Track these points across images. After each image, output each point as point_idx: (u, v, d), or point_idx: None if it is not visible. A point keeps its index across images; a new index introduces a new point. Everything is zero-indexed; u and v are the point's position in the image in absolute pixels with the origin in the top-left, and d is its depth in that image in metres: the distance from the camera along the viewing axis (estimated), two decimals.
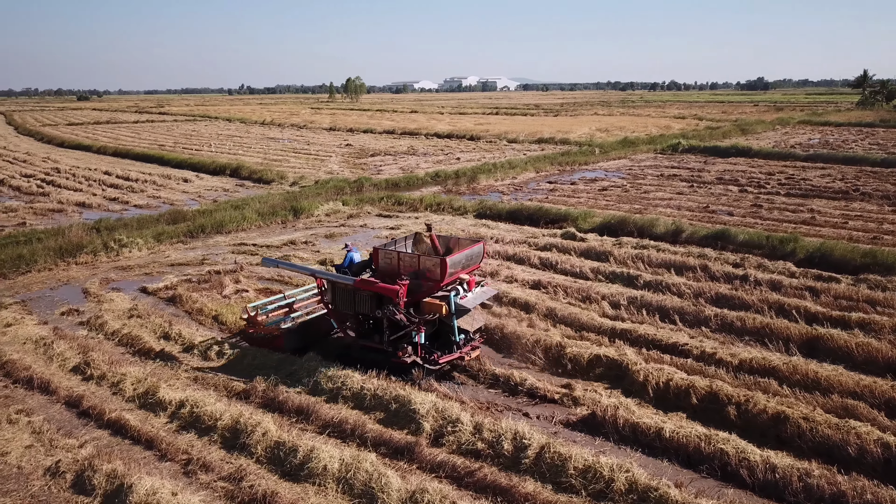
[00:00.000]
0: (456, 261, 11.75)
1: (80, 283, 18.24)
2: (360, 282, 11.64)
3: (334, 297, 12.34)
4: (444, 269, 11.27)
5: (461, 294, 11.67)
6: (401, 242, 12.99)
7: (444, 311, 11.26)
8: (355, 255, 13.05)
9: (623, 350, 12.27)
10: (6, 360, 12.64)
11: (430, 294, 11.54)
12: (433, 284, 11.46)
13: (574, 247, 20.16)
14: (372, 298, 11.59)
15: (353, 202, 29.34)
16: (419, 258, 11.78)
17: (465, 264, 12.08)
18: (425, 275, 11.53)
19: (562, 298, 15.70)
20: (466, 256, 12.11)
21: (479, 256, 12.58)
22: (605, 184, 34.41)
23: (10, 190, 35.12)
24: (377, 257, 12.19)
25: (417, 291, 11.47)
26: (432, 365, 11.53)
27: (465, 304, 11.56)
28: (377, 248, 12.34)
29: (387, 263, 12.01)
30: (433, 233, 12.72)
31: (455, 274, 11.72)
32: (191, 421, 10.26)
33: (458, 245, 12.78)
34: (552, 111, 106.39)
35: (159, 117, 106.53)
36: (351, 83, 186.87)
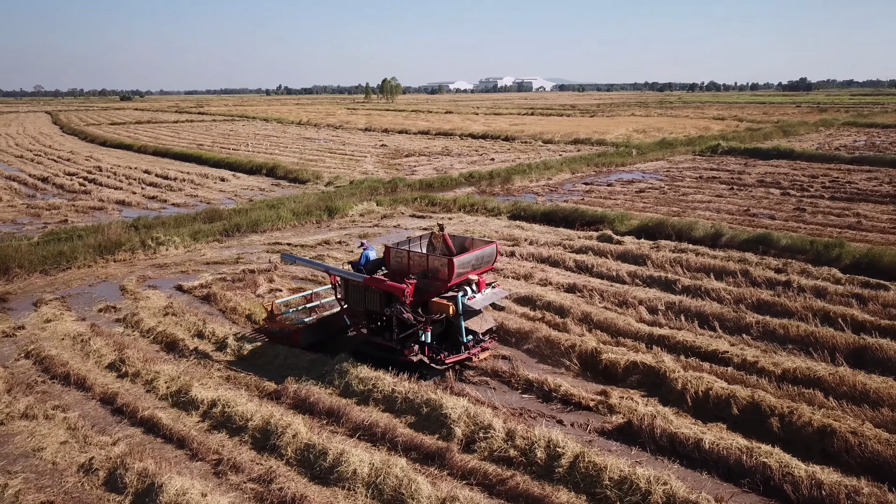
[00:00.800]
0: (465, 261, 11.71)
1: (117, 280, 18.49)
2: (369, 279, 11.79)
3: (347, 293, 12.48)
4: (452, 269, 11.25)
5: (469, 295, 11.60)
6: (415, 242, 12.98)
7: (451, 311, 11.25)
8: (371, 254, 13.12)
9: (661, 357, 11.94)
10: (45, 355, 12.82)
11: (439, 294, 11.53)
12: (441, 284, 11.44)
13: (610, 249, 19.80)
14: (381, 296, 11.69)
15: (387, 202, 29.32)
16: (428, 258, 11.77)
17: (475, 265, 12.00)
18: (434, 274, 11.52)
19: (597, 303, 15.39)
20: (476, 257, 12.03)
21: (492, 257, 12.47)
22: (642, 185, 33.85)
23: (54, 188, 35.93)
24: (388, 256, 12.25)
25: (426, 291, 11.49)
26: (439, 364, 11.50)
27: (473, 304, 11.49)
28: (388, 247, 12.39)
29: (398, 262, 12.05)
30: (446, 232, 12.69)
31: (464, 274, 11.66)
32: (222, 420, 10.25)
33: (472, 245, 12.64)
34: (588, 112, 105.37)
35: (198, 117, 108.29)
36: (387, 84, 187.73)
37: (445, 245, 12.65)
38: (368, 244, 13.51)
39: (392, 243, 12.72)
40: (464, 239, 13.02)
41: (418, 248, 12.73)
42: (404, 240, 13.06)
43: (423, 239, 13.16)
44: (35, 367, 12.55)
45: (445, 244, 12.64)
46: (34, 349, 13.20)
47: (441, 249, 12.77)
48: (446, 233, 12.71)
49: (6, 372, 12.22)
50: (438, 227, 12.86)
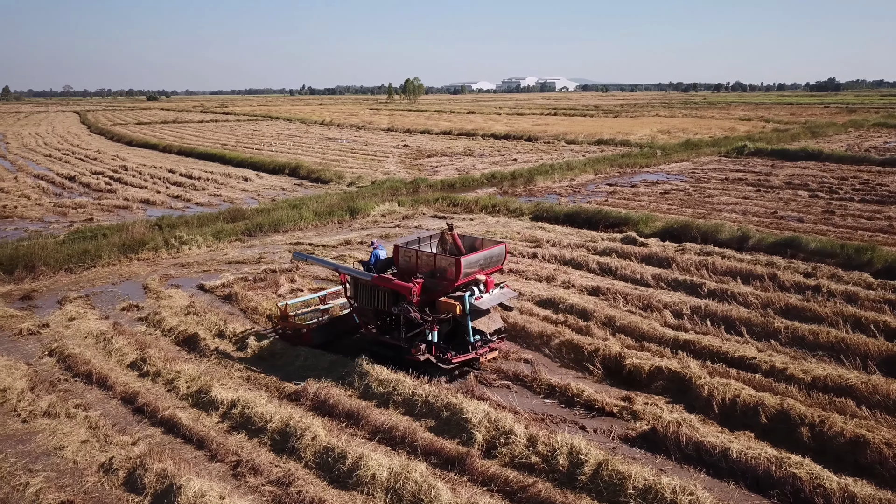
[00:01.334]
0: (472, 261, 11.67)
1: (140, 278, 18.61)
2: (377, 278, 11.89)
3: (356, 292, 12.55)
4: (459, 268, 11.22)
5: (477, 295, 11.53)
6: (425, 242, 12.94)
7: (458, 311, 11.23)
8: (380, 253, 13.13)
9: (686, 362, 11.69)
10: (68, 353, 12.90)
11: (446, 293, 11.52)
12: (448, 284, 11.43)
13: (635, 252, 19.52)
14: (389, 295, 11.76)
15: (409, 203, 29.25)
16: (435, 257, 11.78)
17: (483, 265, 11.94)
18: (442, 274, 11.52)
19: (621, 306, 15.15)
20: (485, 257, 11.97)
21: (500, 258, 12.38)
22: (666, 187, 33.43)
23: (81, 186, 36.38)
24: (397, 255, 12.26)
25: (433, 290, 11.52)
26: (445, 364, 11.48)
27: (480, 304, 11.44)
28: (397, 246, 12.35)
29: (406, 261, 12.07)
30: (455, 232, 12.62)
31: (472, 274, 11.62)
32: (241, 421, 10.21)
33: (482, 246, 12.57)
34: (612, 112, 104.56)
35: (223, 117, 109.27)
36: (409, 84, 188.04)
37: (454, 244, 12.62)
38: (378, 243, 13.54)
39: (401, 242, 12.69)
40: (474, 239, 12.98)
41: (428, 248, 12.71)
42: (414, 239, 13.03)
43: (433, 239, 13.15)
44: (58, 366, 12.64)
45: (455, 244, 12.61)
46: (57, 347, 13.29)
47: (450, 249, 12.72)
48: (455, 232, 12.67)
49: (30, 370, 12.32)
50: (448, 227, 12.83)
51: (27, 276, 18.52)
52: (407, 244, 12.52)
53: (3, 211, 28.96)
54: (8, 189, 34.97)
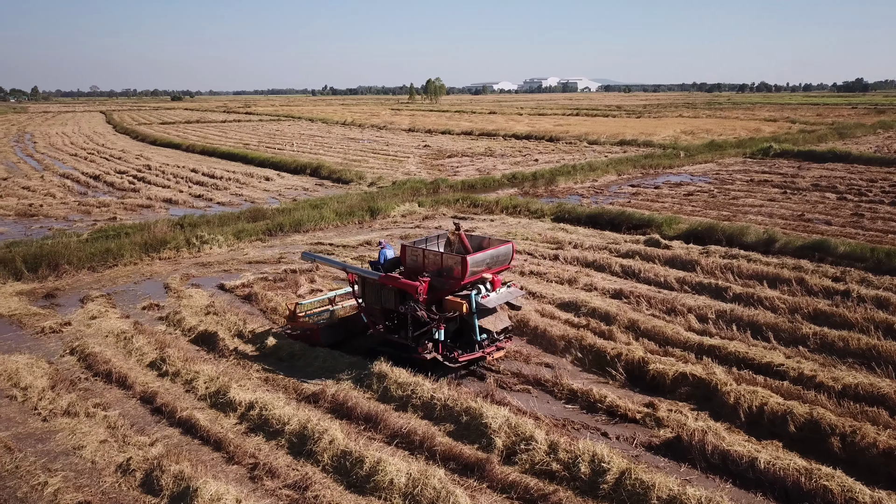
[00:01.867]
0: (478, 259, 11.67)
1: (162, 277, 18.68)
2: (384, 277, 12.00)
3: (364, 291, 12.63)
4: (465, 267, 11.23)
5: (483, 293, 11.52)
6: (433, 241, 12.96)
7: (464, 310, 11.25)
8: (388, 252, 13.14)
9: (711, 368, 11.41)
10: (88, 352, 12.94)
11: (452, 292, 11.53)
12: (455, 282, 11.44)
13: (658, 254, 19.21)
14: (395, 294, 11.84)
15: (429, 203, 29.14)
16: (442, 256, 11.75)
17: (489, 264, 11.94)
18: (449, 273, 11.51)
19: (645, 310, 14.89)
20: (491, 256, 11.97)
21: (507, 257, 12.38)
22: (690, 188, 32.98)
23: (105, 185, 36.76)
24: (404, 254, 12.28)
25: (440, 289, 11.55)
26: (452, 363, 11.49)
27: (486, 303, 11.43)
28: (404, 246, 12.38)
29: (413, 260, 12.08)
30: (462, 231, 12.63)
31: (478, 273, 11.63)
32: (259, 423, 10.14)
33: (489, 245, 12.54)
34: (635, 113, 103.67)
35: (245, 117, 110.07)
36: (431, 84, 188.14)
37: (461, 243, 12.61)
38: (386, 243, 13.56)
39: (409, 241, 12.67)
40: (482, 238, 12.96)
41: (435, 247, 12.68)
42: (421, 238, 13.06)
43: (440, 238, 13.15)
44: (79, 364, 12.68)
45: (461, 243, 12.60)
46: (79, 346, 13.34)
47: (457, 248, 12.70)
48: (462, 232, 12.62)
49: (51, 368, 12.37)
50: (455, 226, 12.81)
51: (51, 275, 18.67)
52: (415, 244, 12.52)
53: (30, 209, 29.32)
54: (34, 188, 35.45)
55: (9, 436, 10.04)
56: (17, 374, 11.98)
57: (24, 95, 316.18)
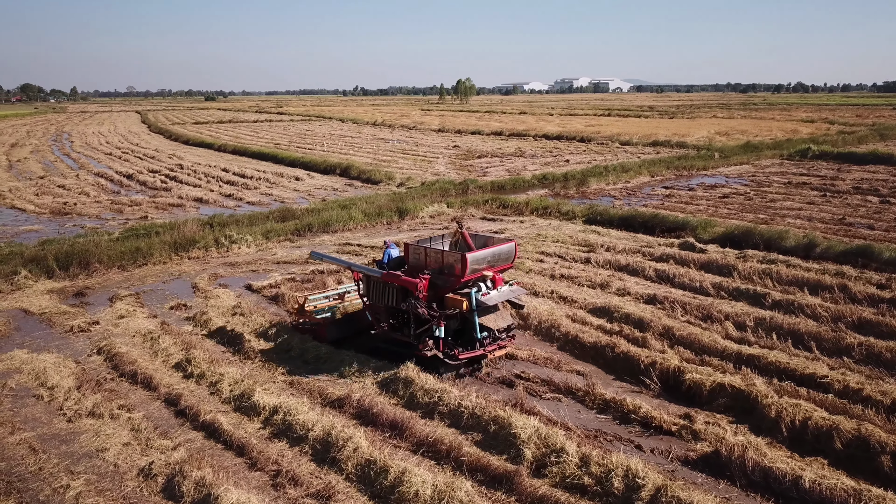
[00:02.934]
0: (478, 258, 11.70)
1: (190, 277, 18.67)
2: (386, 275, 12.15)
3: (368, 289, 12.81)
4: (465, 264, 11.29)
5: (483, 291, 11.55)
6: (437, 240, 13.09)
7: (464, 307, 11.34)
8: (393, 251, 13.23)
9: (751, 379, 10.94)
10: (115, 352, 12.90)
11: (453, 289, 11.60)
12: (455, 280, 11.51)
13: (693, 259, 18.67)
14: (398, 291, 11.97)
15: (458, 204, 28.85)
16: (443, 254, 11.79)
17: (490, 262, 11.96)
18: (450, 270, 11.56)
19: (679, 316, 14.41)
20: (492, 254, 12.00)
21: (509, 255, 12.38)
22: (726, 191, 32.22)
23: (138, 184, 37.17)
24: (408, 253, 12.39)
25: (441, 286, 11.65)
26: (452, 360, 11.56)
27: (487, 301, 11.46)
28: (408, 244, 12.49)
29: (416, 259, 12.17)
30: (465, 230, 12.72)
31: (478, 271, 11.67)
32: (283, 428, 9.94)
33: (493, 243, 12.54)
34: (667, 113, 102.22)
35: (277, 117, 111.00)
36: (461, 85, 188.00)
37: (464, 242, 12.64)
38: (391, 242, 13.67)
39: (413, 240, 12.71)
40: (486, 237, 13.01)
41: (440, 246, 12.75)
42: (426, 238, 13.12)
43: (445, 238, 13.25)
44: (105, 364, 12.64)
45: (464, 241, 12.64)
46: (106, 345, 13.32)
47: (460, 246, 12.73)
48: (465, 230, 12.71)
49: (78, 368, 12.35)
50: (458, 225, 12.91)
51: (81, 273, 18.78)
52: (419, 242, 12.63)
53: (64, 208, 29.72)
54: (69, 186, 35.98)
55: (34, 436, 10.00)
56: (45, 373, 11.98)
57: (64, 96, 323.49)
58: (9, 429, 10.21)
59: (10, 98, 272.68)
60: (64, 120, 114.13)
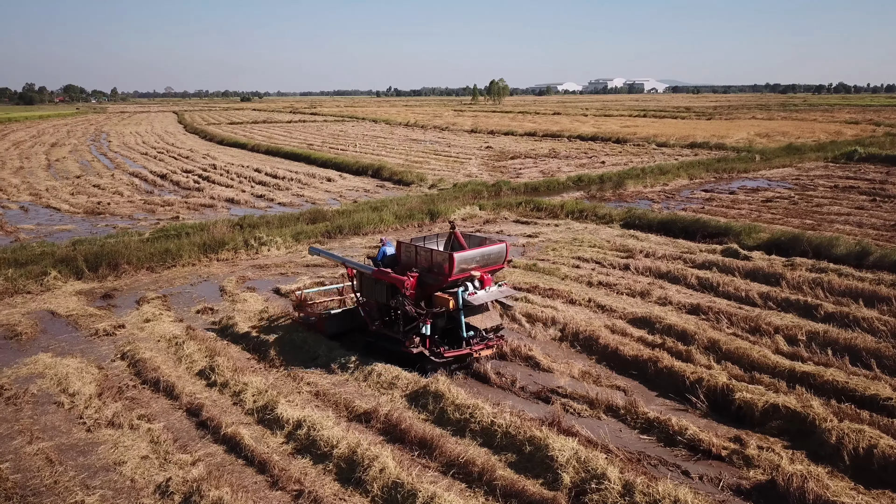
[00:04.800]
0: (466, 257, 11.79)
1: (218, 279, 18.38)
2: (376, 272, 12.31)
3: (361, 286, 13.04)
4: (452, 264, 11.37)
5: (470, 290, 11.62)
6: (431, 239, 13.20)
7: (451, 306, 11.43)
8: (388, 249, 13.23)
9: (807, 400, 10.15)
10: (139, 358, 12.58)
11: (440, 288, 11.69)
12: (443, 279, 11.58)
13: (738, 266, 17.80)
14: (387, 288, 12.13)
15: (490, 206, 28.23)
16: (432, 252, 11.88)
17: (479, 262, 11.99)
18: (439, 269, 11.64)
19: (725, 328, 13.62)
20: (481, 254, 12.05)
21: (500, 256, 12.37)
22: (769, 194, 31.07)
23: (171, 184, 37.27)
24: (399, 251, 12.55)
25: (429, 284, 11.78)
26: (438, 357, 11.69)
27: (473, 300, 11.51)
28: (400, 242, 12.63)
29: (407, 256, 12.31)
30: (457, 230, 12.95)
31: (467, 270, 11.73)
32: (307, 444, 9.46)
33: (487, 244, 12.58)
34: (705, 114, 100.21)
35: (311, 118, 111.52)
36: (494, 85, 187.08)
37: (457, 242, 12.83)
38: (387, 240, 13.75)
39: (407, 239, 12.80)
40: (482, 238, 13.08)
41: (435, 245, 12.90)
42: (420, 236, 13.30)
43: (440, 237, 13.37)
44: (128, 370, 12.32)
45: (457, 241, 12.82)
46: (130, 350, 13.01)
47: (454, 246, 12.90)
48: (458, 231, 12.92)
49: (101, 374, 12.05)
50: (450, 226, 13.20)
51: (110, 274, 18.62)
52: (412, 241, 12.72)
53: (97, 207, 29.82)
54: (104, 186, 36.22)
55: (52, 446, 9.67)
56: (67, 379, 11.69)
57: (105, 96, 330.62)
58: (27, 437, 9.91)
59: (53, 99, 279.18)
60: (103, 120, 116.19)
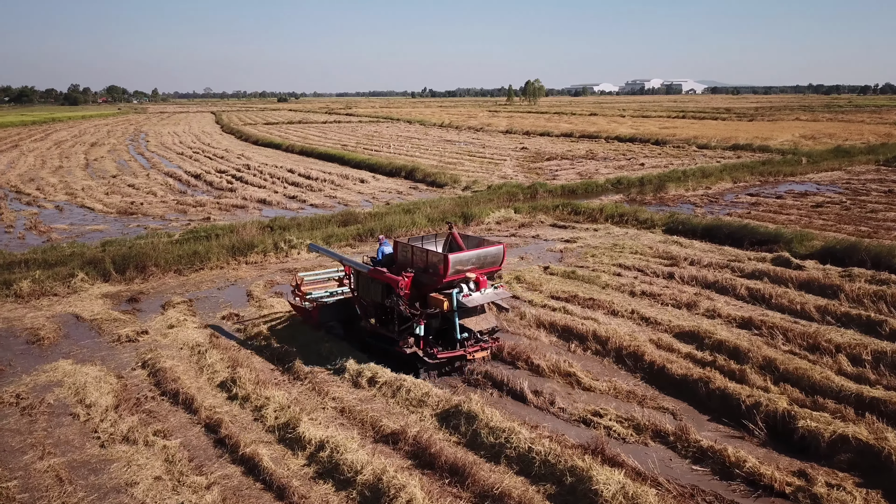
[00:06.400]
0: (462, 258, 11.68)
1: (246, 284, 17.91)
2: (372, 270, 12.30)
3: (358, 284, 13.02)
4: (447, 264, 11.24)
5: (465, 292, 11.49)
6: (430, 240, 13.09)
7: (444, 307, 11.34)
8: (386, 248, 13.10)
9: (880, 431, 9.17)
10: (159, 367, 12.09)
11: (435, 289, 11.58)
12: (438, 279, 11.46)
13: (790, 276, 16.71)
14: (383, 287, 12.05)
15: (526, 210, 27.39)
16: (427, 253, 11.78)
17: (476, 263, 11.85)
18: (434, 270, 11.50)
19: (781, 345, 12.63)
20: (477, 256, 11.93)
21: (497, 258, 12.24)
22: (818, 199, 29.65)
23: (204, 184, 37.15)
24: (396, 250, 12.47)
25: (424, 285, 11.66)
26: (431, 358, 11.57)
27: (467, 302, 11.41)
28: (397, 242, 12.58)
29: (404, 256, 12.25)
30: (455, 231, 12.90)
31: (462, 272, 11.61)
32: (329, 468, 8.80)
33: (485, 245, 12.47)
34: (746, 115, 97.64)
35: (346, 118, 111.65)
36: (529, 86, 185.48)
37: (455, 243, 12.75)
38: (385, 239, 13.54)
39: (405, 239, 12.74)
40: (480, 240, 12.99)
41: (433, 246, 12.76)
42: (418, 237, 13.22)
43: (438, 237, 13.26)
44: (148, 380, 11.83)
45: (455, 242, 12.74)
46: (151, 358, 12.54)
47: (451, 247, 12.82)
48: (455, 231, 12.86)
49: (119, 384, 11.58)
50: (448, 226, 13.13)
51: (137, 277, 18.29)
52: (409, 241, 12.65)
53: (131, 207, 29.74)
54: (139, 185, 36.28)
55: (63, 463, 9.18)
56: (85, 388, 11.25)
57: (145, 97, 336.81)
58: (39, 452, 9.45)
59: (96, 99, 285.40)
60: (143, 120, 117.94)
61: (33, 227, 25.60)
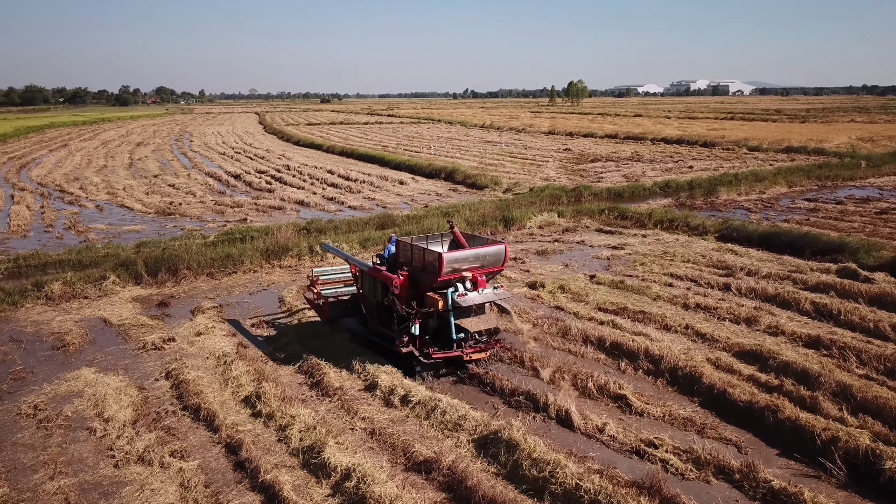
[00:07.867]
0: (458, 257, 11.55)
1: (278, 288, 17.33)
2: (371, 269, 12.34)
3: (362, 283, 13.03)
4: (441, 263, 11.09)
5: (461, 292, 11.30)
6: (434, 239, 12.91)
7: (439, 306, 11.24)
8: (392, 247, 13.03)
9: None
10: (183, 379, 11.50)
11: (431, 288, 11.47)
12: (433, 278, 11.33)
13: (859, 290, 15.39)
14: (381, 286, 12.07)
15: (570, 213, 26.33)
16: (425, 252, 11.64)
17: (474, 263, 11.65)
18: (432, 268, 11.35)
19: (855, 368, 11.43)
20: (475, 255, 11.73)
21: (498, 258, 11.99)
22: (882, 205, 27.92)
23: (243, 185, 36.96)
24: (398, 249, 12.43)
25: (422, 283, 11.59)
26: (426, 358, 11.49)
27: (462, 301, 11.25)
28: (399, 240, 12.53)
29: (404, 255, 12.18)
30: (457, 230, 12.69)
31: (458, 271, 11.44)
32: (355, 500, 8.01)
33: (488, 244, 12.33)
34: (797, 117, 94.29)
35: (387, 119, 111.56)
36: (572, 87, 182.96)
37: (456, 242, 12.58)
38: (393, 237, 13.39)
39: (409, 237, 12.59)
40: (485, 239, 12.89)
41: (438, 245, 12.59)
42: (422, 236, 13.09)
43: (444, 237, 13.06)
44: (170, 392, 11.25)
45: (457, 241, 12.56)
46: (175, 369, 11.96)
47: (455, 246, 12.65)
48: (457, 230, 12.68)
49: (140, 396, 11.02)
50: (449, 226, 12.97)
51: (169, 280, 17.87)
52: (413, 239, 12.46)
53: (169, 207, 29.60)
54: (179, 185, 36.27)
55: (74, 483, 8.61)
56: (105, 400, 10.72)
57: (192, 98, 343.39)
58: (50, 472, 8.89)
59: (145, 100, 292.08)
60: (189, 120, 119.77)
61: (72, 227, 25.55)
